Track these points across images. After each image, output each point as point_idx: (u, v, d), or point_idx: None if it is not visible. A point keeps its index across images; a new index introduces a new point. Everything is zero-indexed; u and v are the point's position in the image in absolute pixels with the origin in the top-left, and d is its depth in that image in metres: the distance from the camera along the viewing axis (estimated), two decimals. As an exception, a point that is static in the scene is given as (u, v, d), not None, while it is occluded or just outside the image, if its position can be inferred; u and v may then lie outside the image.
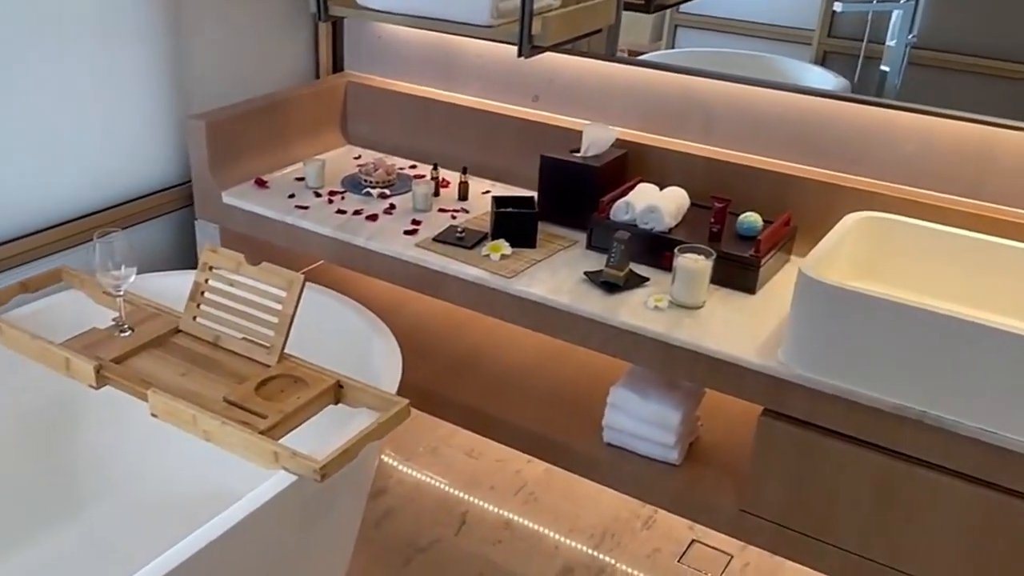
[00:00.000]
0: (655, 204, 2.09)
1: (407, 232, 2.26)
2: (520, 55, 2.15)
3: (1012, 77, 2.06)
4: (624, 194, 2.18)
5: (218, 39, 2.56)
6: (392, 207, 2.38)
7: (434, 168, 2.49)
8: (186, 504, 2.12)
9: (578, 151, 2.28)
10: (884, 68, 2.19)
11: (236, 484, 1.89)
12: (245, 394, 1.71)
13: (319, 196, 2.44)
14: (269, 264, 1.82)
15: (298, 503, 1.62)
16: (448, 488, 2.54)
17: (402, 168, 2.62)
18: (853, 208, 2.06)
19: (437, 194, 2.45)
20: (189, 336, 1.90)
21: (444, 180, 2.51)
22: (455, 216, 2.35)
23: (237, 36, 2.61)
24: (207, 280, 1.88)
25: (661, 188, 2.20)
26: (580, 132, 2.29)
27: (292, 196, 2.43)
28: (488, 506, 2.47)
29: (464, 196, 2.44)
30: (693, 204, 2.19)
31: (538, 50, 2.18)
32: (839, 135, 2.18)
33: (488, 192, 2.48)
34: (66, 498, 2.11)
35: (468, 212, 2.38)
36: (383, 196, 2.44)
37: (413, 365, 1.94)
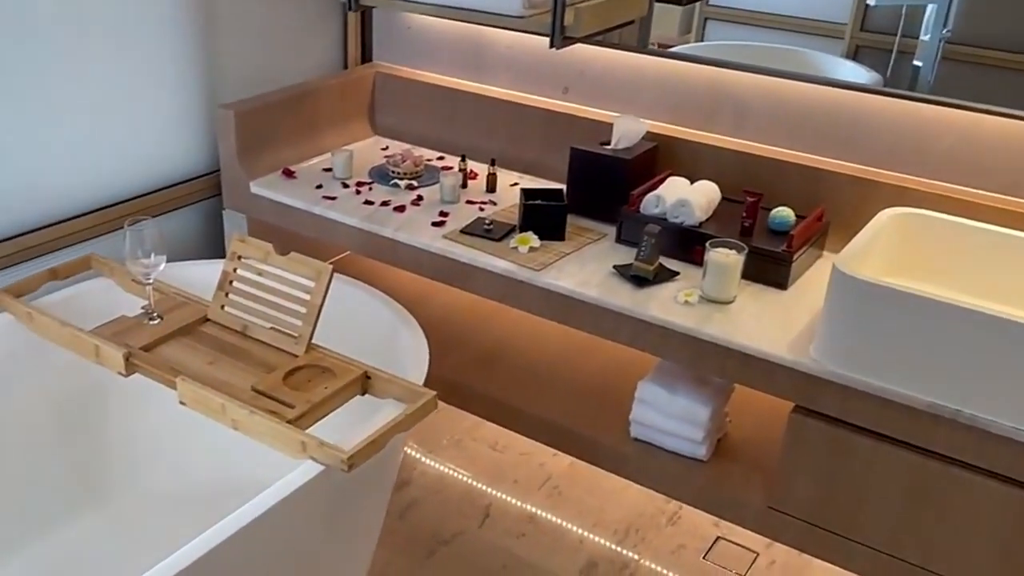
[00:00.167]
0: (686, 198, 2.07)
1: (435, 224, 2.25)
2: (552, 46, 2.13)
3: (1049, 73, 2.03)
4: (654, 187, 2.16)
5: (248, 29, 2.56)
6: (420, 198, 2.38)
7: (462, 160, 2.49)
8: (211, 493, 2.12)
9: (608, 143, 2.26)
10: (917, 63, 2.16)
11: (261, 473, 1.89)
12: (273, 383, 1.72)
13: (347, 187, 2.44)
14: (297, 254, 1.82)
15: (325, 493, 1.61)
16: (472, 481, 2.53)
17: (430, 159, 2.61)
18: (886, 204, 2.04)
19: (465, 186, 2.44)
20: (217, 325, 1.90)
21: (472, 172, 2.50)
22: (483, 208, 2.34)
23: (267, 26, 2.61)
24: (235, 269, 1.88)
25: (692, 182, 2.18)
26: (610, 124, 2.28)
27: (320, 187, 2.43)
28: (512, 499, 2.47)
29: (492, 188, 2.43)
30: (724, 198, 2.17)
31: (570, 41, 2.16)
32: (873, 129, 2.15)
33: (516, 184, 2.47)
34: (93, 485, 2.12)
35: (496, 204, 2.36)
36: (411, 187, 2.43)
37: (439, 357, 1.94)
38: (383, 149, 2.70)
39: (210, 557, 1.39)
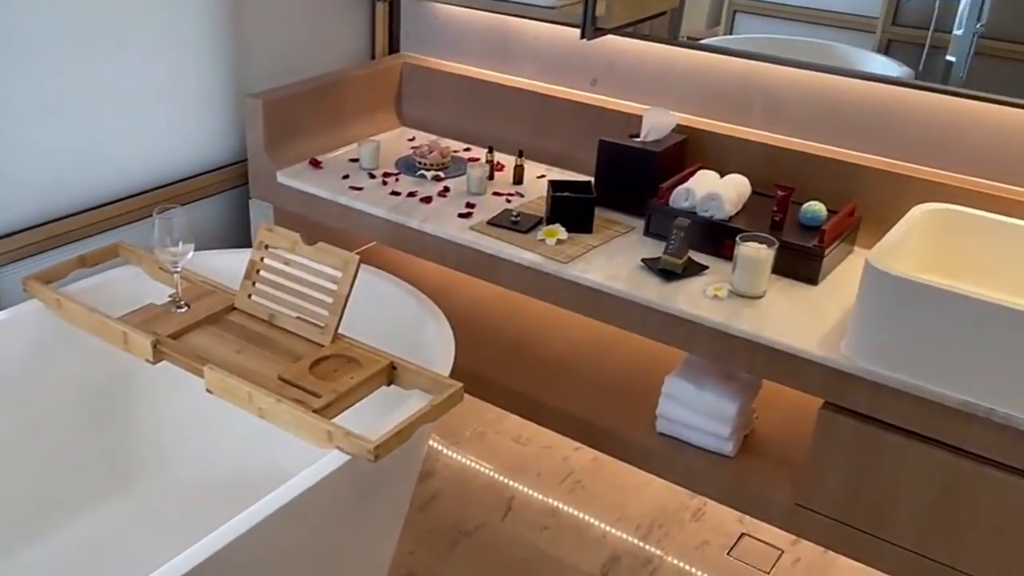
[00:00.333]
0: (716, 191, 2.06)
1: (461, 215, 2.24)
2: (583, 37, 2.12)
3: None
4: (684, 180, 2.14)
5: (277, 19, 2.56)
6: (446, 190, 2.37)
7: (489, 151, 2.48)
8: (235, 481, 2.12)
9: (637, 136, 2.24)
10: (950, 58, 2.13)
11: (285, 463, 1.90)
12: (299, 373, 1.71)
13: (373, 177, 2.43)
14: (325, 244, 1.81)
15: (351, 483, 1.61)
16: (494, 473, 2.52)
17: (456, 151, 2.61)
18: (920, 199, 2.01)
19: (492, 177, 2.43)
20: (244, 314, 1.90)
21: (499, 163, 2.49)
22: (510, 200, 2.33)
23: (295, 16, 2.61)
24: (263, 259, 1.88)
25: (721, 175, 2.16)
26: (638, 117, 2.26)
27: (346, 177, 2.43)
28: (535, 493, 2.46)
29: (519, 180, 2.42)
30: (754, 192, 2.15)
31: (601, 32, 2.15)
32: (906, 124, 2.12)
33: (543, 176, 2.46)
34: (119, 471, 2.13)
35: (523, 196, 2.35)
36: (437, 178, 2.43)
37: (463, 349, 1.93)
38: (410, 140, 2.70)
39: (237, 544, 1.39)
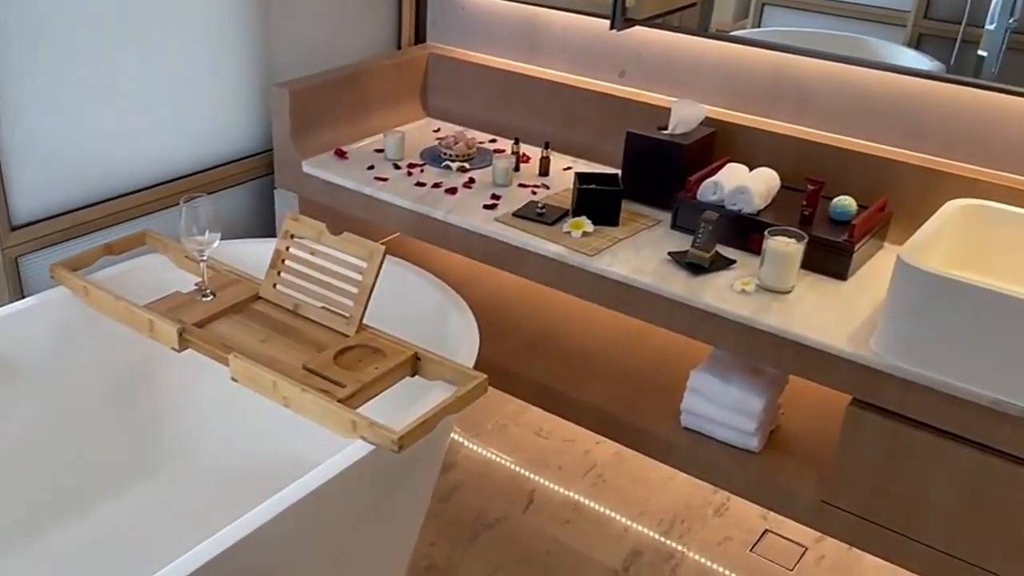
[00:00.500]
0: (744, 185, 2.04)
1: (486, 206, 2.23)
2: (612, 27, 2.10)
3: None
4: (712, 173, 2.12)
5: (303, 8, 2.56)
6: (471, 181, 2.36)
7: (515, 143, 2.46)
8: (257, 470, 2.13)
9: (665, 128, 2.22)
10: (981, 53, 2.10)
11: (308, 453, 1.90)
12: (324, 362, 1.72)
13: (398, 168, 2.43)
14: (350, 234, 1.81)
15: (374, 473, 1.61)
16: (516, 466, 2.52)
17: (482, 142, 2.60)
18: (952, 195, 1.99)
19: (517, 169, 2.42)
20: (269, 303, 1.91)
21: (524, 155, 2.48)
22: (535, 192, 2.32)
23: (323, 6, 2.61)
24: (288, 248, 1.88)
25: (750, 169, 2.14)
26: (666, 109, 2.24)
27: (371, 167, 2.42)
28: (556, 486, 2.45)
29: (545, 172, 2.41)
30: (783, 186, 2.13)
31: (631, 23, 2.13)
32: (938, 118, 2.09)
33: (569, 168, 2.44)
34: (143, 458, 2.14)
35: (549, 188, 2.34)
36: (462, 170, 2.42)
37: (487, 340, 1.92)
38: (435, 131, 2.69)
39: (260, 533, 1.39)
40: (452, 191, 2.31)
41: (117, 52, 2.14)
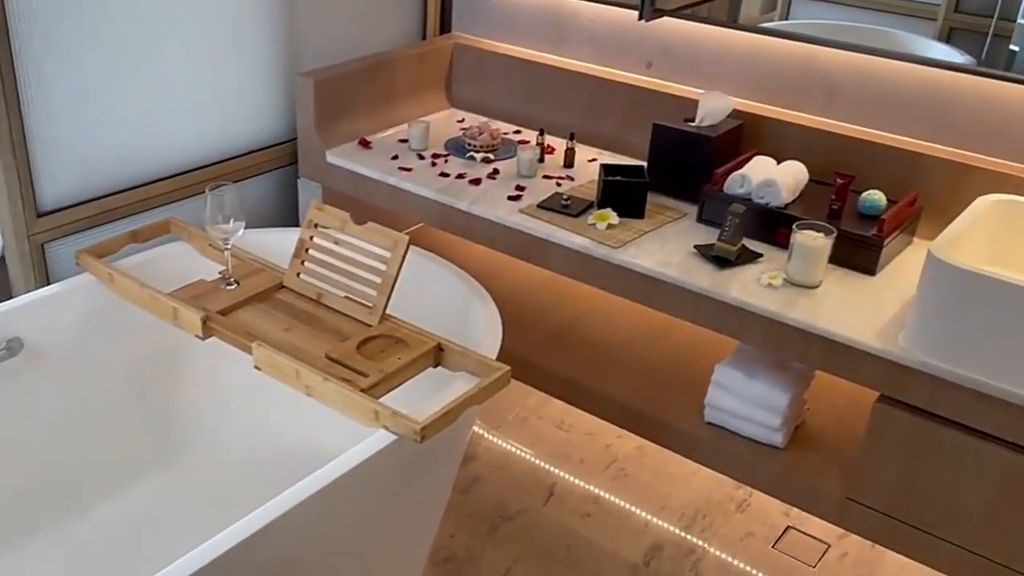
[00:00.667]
0: (772, 178, 2.01)
1: (511, 198, 2.22)
2: (641, 18, 2.08)
3: None
4: (739, 166, 2.10)
5: (328, -3, 2.55)
6: (496, 172, 2.35)
7: (540, 134, 2.45)
8: (278, 459, 2.14)
9: (692, 120, 2.20)
10: (1013, 47, 2.06)
11: (328, 442, 1.90)
12: (347, 352, 1.71)
13: (422, 158, 2.42)
14: (374, 224, 1.81)
15: (396, 463, 1.61)
16: (536, 459, 2.51)
17: (507, 133, 2.58)
18: (984, 190, 1.95)
19: (542, 160, 2.40)
20: (292, 292, 1.91)
21: (549, 146, 2.46)
22: (560, 183, 2.30)
23: (347, -6, 2.60)
24: (312, 237, 1.88)
25: (778, 162, 2.11)
26: (694, 101, 2.22)
27: (395, 157, 2.42)
28: (577, 480, 2.44)
29: (570, 163, 2.39)
30: (811, 180, 2.10)
31: (659, 13, 2.11)
32: (970, 112, 2.06)
33: (594, 160, 2.43)
34: (163, 446, 2.15)
35: (573, 180, 2.32)
36: (487, 161, 2.41)
37: (509, 333, 1.91)
38: (459, 121, 2.68)
39: (282, 521, 1.39)
40: (476, 182, 2.30)
41: (144, 40, 2.14)
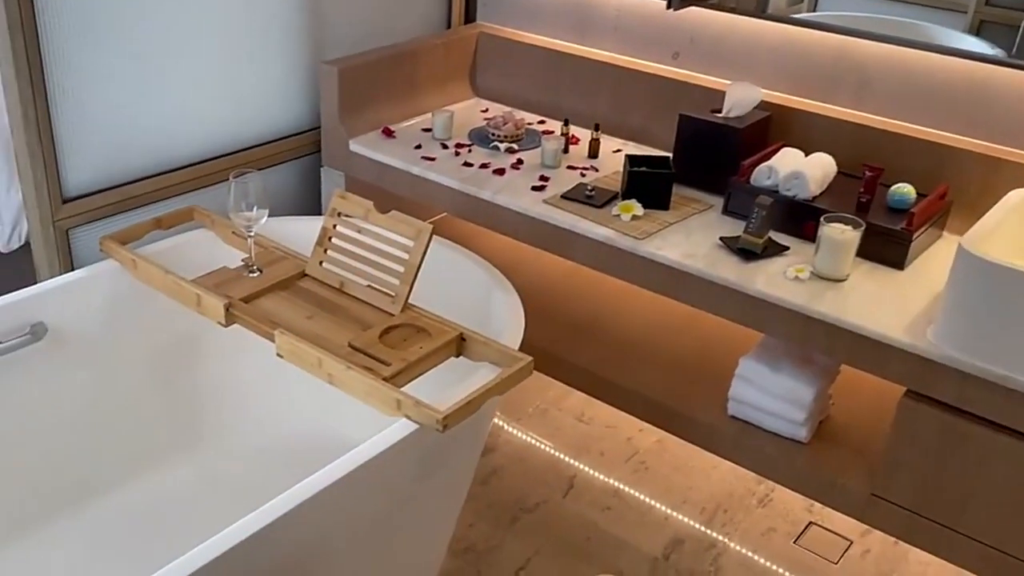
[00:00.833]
0: (800, 170, 1.99)
1: (534, 188, 2.21)
2: (669, 7, 2.06)
3: None
4: (767, 158, 2.08)
5: (354, -15, 2.55)
6: (520, 162, 2.34)
7: (564, 124, 2.43)
8: (299, 447, 2.14)
9: (719, 111, 2.18)
10: (1045, 41, 2.03)
11: (348, 431, 1.90)
12: (369, 340, 1.71)
13: (446, 148, 2.41)
14: (398, 213, 1.80)
15: (417, 452, 1.60)
16: (556, 451, 2.50)
17: (531, 123, 2.57)
18: (1014, 183, 1.93)
19: (566, 151, 2.39)
20: (315, 280, 1.91)
21: (574, 137, 2.45)
22: (584, 174, 2.29)
23: (372, -18, 2.59)
24: (335, 226, 1.87)
25: (806, 154, 2.09)
26: (720, 92, 2.20)
27: (419, 147, 2.41)
28: (597, 473, 2.43)
29: (594, 154, 2.38)
30: (839, 172, 2.08)
31: (687, 3, 2.09)
32: (1002, 105, 2.03)
33: (619, 151, 2.41)
34: (185, 433, 2.15)
35: (598, 171, 2.31)
36: (511, 151, 2.39)
37: (531, 324, 1.90)
38: (483, 111, 2.66)
39: (302, 509, 1.39)
40: (500, 172, 2.28)
41: (169, 28, 2.14)
